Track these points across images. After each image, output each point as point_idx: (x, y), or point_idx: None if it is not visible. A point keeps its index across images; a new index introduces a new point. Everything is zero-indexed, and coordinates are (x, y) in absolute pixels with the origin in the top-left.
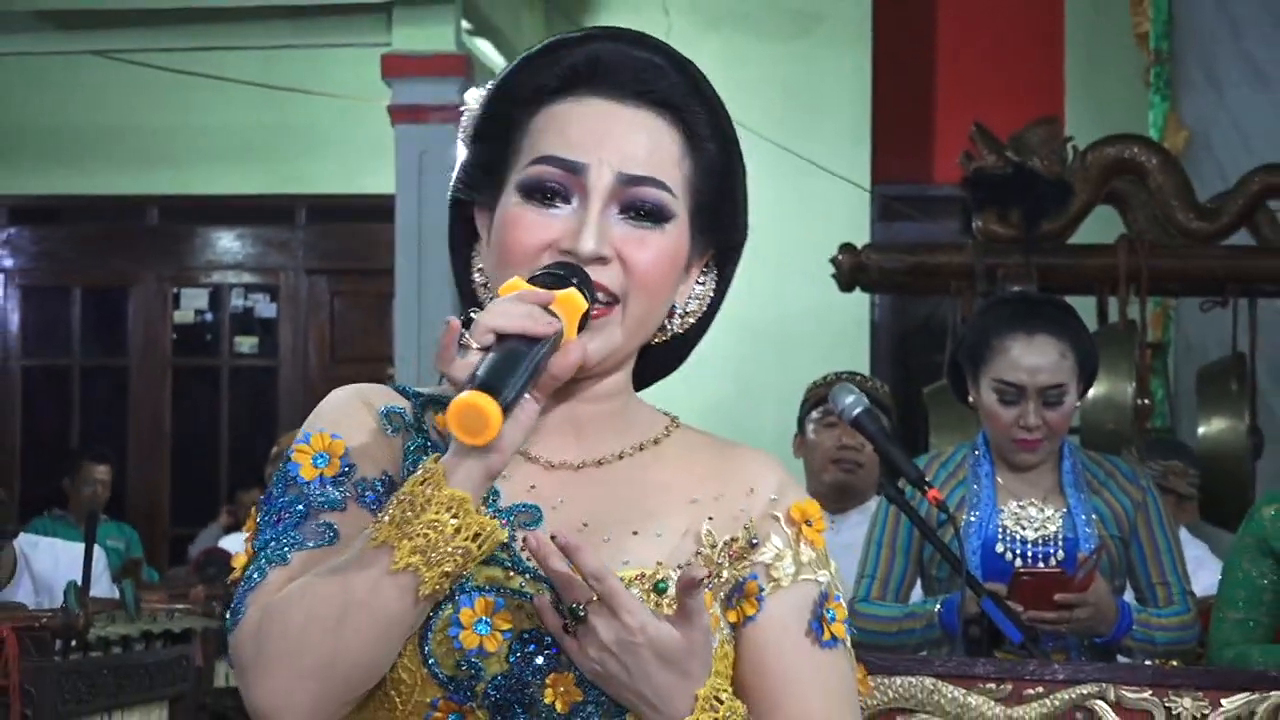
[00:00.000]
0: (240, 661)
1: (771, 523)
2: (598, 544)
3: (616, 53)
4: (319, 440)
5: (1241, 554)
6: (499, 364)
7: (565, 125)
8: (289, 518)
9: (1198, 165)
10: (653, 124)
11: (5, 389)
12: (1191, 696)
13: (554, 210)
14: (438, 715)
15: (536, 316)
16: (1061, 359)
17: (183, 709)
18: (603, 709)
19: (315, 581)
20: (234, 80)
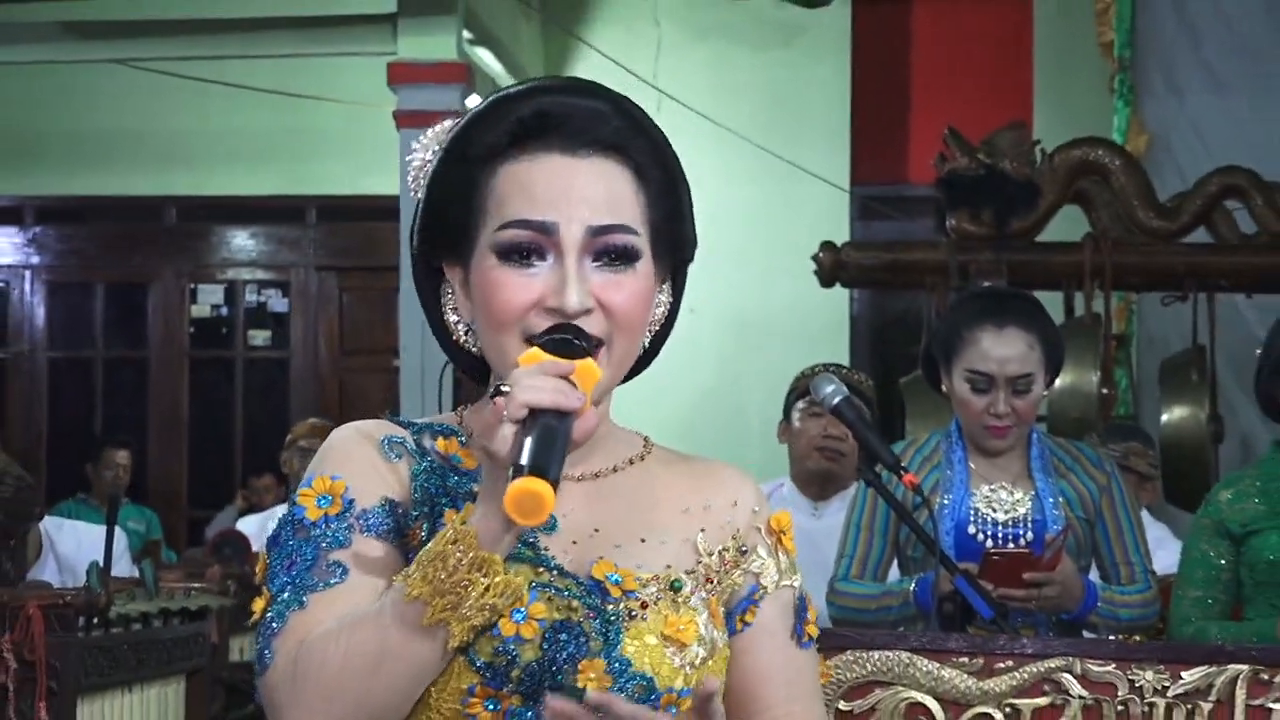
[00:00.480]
0: (275, 703)
1: (756, 534)
2: (609, 549)
3: (560, 105)
4: (320, 483)
5: (1199, 535)
6: (541, 445)
7: (528, 186)
8: (300, 561)
9: (1159, 167)
10: (607, 169)
11: (32, 379)
12: (1153, 669)
13: (531, 269)
14: (474, 701)
15: (566, 392)
16: (1029, 350)
17: (199, 682)
18: (628, 695)
19: (350, 629)
20: (248, 87)
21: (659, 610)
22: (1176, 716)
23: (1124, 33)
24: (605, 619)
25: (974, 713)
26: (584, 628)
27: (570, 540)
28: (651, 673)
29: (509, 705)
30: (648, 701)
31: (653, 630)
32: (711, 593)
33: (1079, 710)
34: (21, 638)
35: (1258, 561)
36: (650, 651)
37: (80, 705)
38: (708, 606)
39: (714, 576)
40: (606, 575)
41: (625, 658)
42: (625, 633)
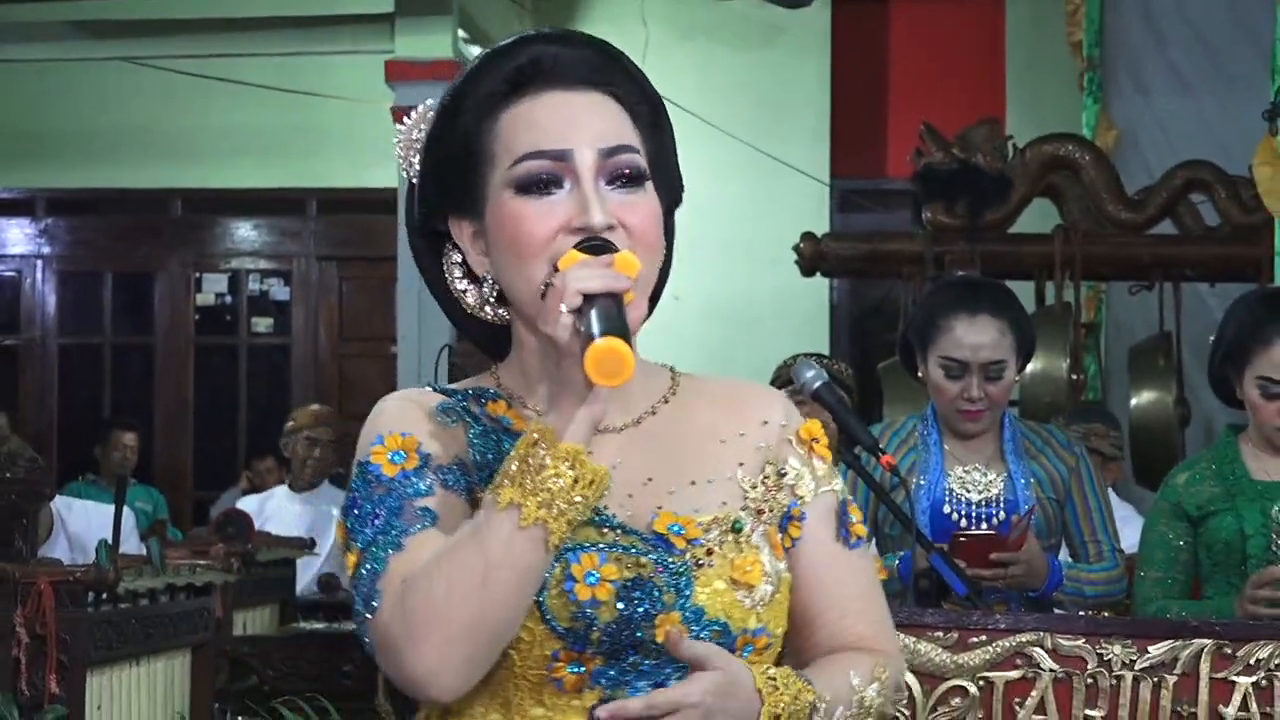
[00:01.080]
0: (387, 641)
1: (787, 446)
2: (665, 496)
3: (550, 53)
4: (392, 440)
5: (1158, 517)
6: (608, 315)
7: (534, 121)
8: (385, 512)
9: (1126, 162)
10: (602, 101)
11: (43, 365)
12: (1121, 644)
13: (551, 197)
14: (559, 665)
15: (615, 275)
16: (1001, 337)
17: (204, 655)
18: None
19: (448, 553)
20: (251, 84)
21: (724, 554)
22: (1143, 689)
23: (1093, 33)
24: (674, 571)
25: (948, 685)
26: (655, 583)
27: (626, 494)
28: (725, 617)
29: (593, 666)
30: (723, 644)
31: (720, 575)
32: (767, 523)
33: (1050, 683)
34: (33, 613)
35: (1214, 542)
36: (721, 596)
37: (89, 678)
38: (767, 540)
39: (763, 507)
40: (669, 527)
41: (699, 607)
42: (695, 582)
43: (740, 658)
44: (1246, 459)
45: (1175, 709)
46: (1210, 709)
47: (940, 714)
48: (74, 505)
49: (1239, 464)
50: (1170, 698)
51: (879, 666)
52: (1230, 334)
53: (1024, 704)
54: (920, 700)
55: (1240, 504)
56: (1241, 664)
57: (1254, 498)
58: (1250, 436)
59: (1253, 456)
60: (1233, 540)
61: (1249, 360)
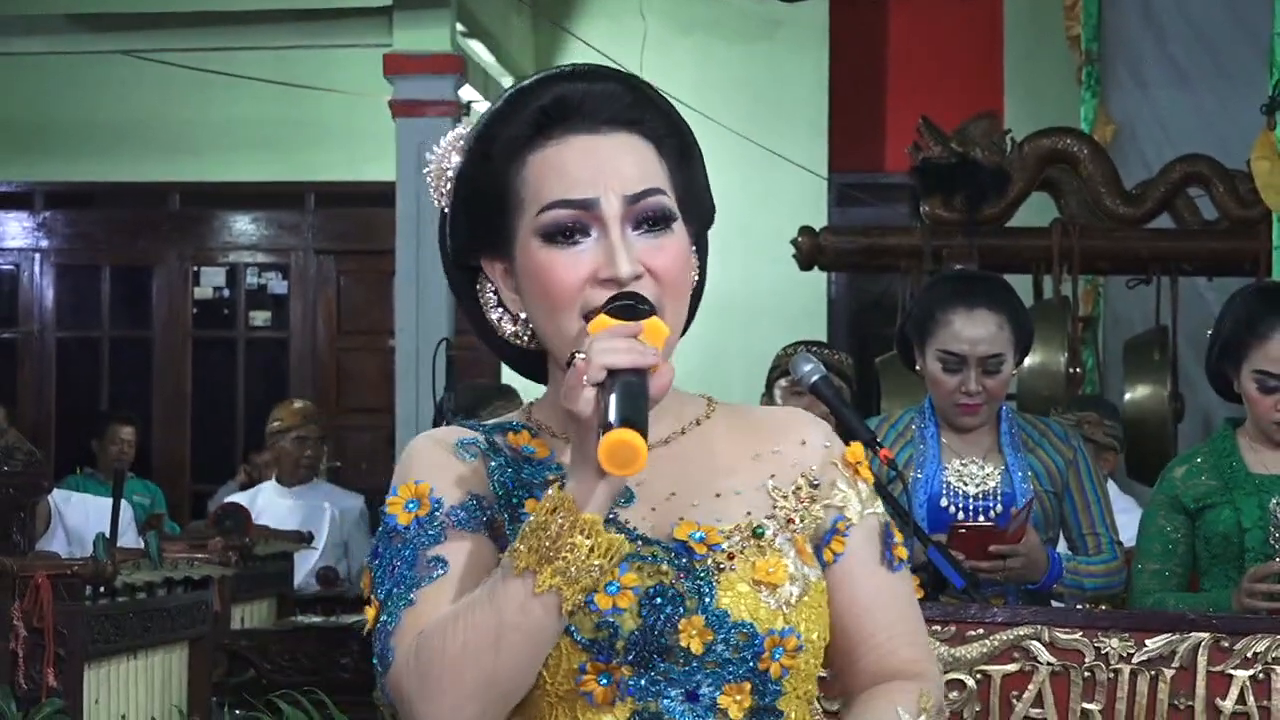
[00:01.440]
0: (401, 695)
1: (832, 469)
2: (688, 508)
3: (576, 90)
4: (406, 490)
5: (1156, 510)
6: (627, 400)
7: (560, 168)
8: (400, 564)
9: (1124, 156)
10: (629, 142)
11: (41, 358)
12: (1119, 637)
13: (578, 246)
14: (588, 677)
15: (641, 350)
16: (999, 330)
17: (201, 649)
18: (731, 645)
19: (465, 611)
20: (249, 77)
21: (746, 558)
22: (1141, 682)
23: (1091, 27)
24: (695, 576)
25: (946, 679)
26: (677, 589)
27: (649, 508)
28: (750, 619)
29: (620, 676)
30: (752, 647)
31: (743, 578)
32: (796, 532)
33: (1047, 676)
34: (31, 606)
35: (1212, 535)
36: (745, 599)
37: (87, 671)
38: (794, 545)
39: (794, 516)
40: (690, 535)
41: (722, 610)
42: (717, 586)
43: (771, 660)
44: (1244, 452)
45: (1172, 702)
46: (1207, 702)
47: None
48: (72, 499)
49: (1237, 457)
50: (1167, 691)
51: (924, 696)
52: (1228, 328)
53: (1021, 697)
54: None
55: (1238, 497)
56: (1239, 657)
57: (1252, 491)
58: (1248, 430)
59: (1250, 450)
60: (1230, 533)
61: (1246, 354)
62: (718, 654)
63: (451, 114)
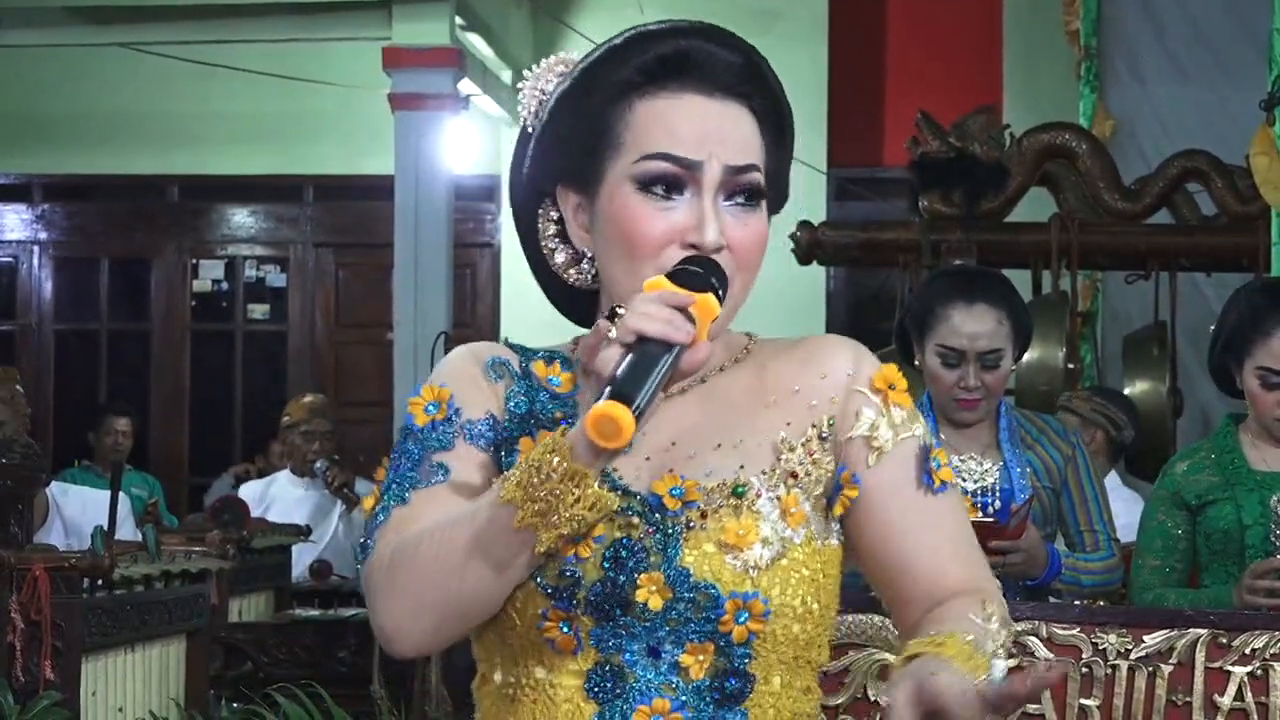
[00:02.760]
0: (371, 589)
1: (858, 396)
2: (682, 460)
3: (700, 50)
4: (429, 391)
5: (1157, 506)
6: (636, 371)
7: (672, 122)
8: (407, 461)
9: (1123, 151)
10: (739, 114)
11: (39, 351)
12: (1116, 633)
13: (670, 202)
14: (549, 624)
15: (678, 324)
16: (999, 326)
17: (199, 641)
18: (693, 605)
19: (445, 526)
20: (248, 70)
21: (719, 518)
22: (1138, 679)
23: (1090, 22)
24: (664, 532)
25: None
26: (644, 543)
27: (644, 457)
28: (713, 579)
29: (581, 626)
30: (714, 609)
31: (711, 538)
32: (794, 488)
33: None
34: (28, 598)
35: (1213, 531)
36: (709, 559)
37: (84, 663)
38: (779, 505)
39: (799, 470)
40: (669, 489)
41: (684, 568)
42: (684, 543)
43: (735, 624)
44: (1246, 448)
45: (1170, 698)
46: (1205, 698)
47: None
48: (70, 491)
49: (1238, 453)
50: (1165, 687)
51: (987, 604)
52: (1230, 324)
53: None
54: None
55: (1239, 493)
56: (1237, 654)
57: (1253, 487)
58: (1250, 426)
59: (1252, 446)
60: (1231, 530)
61: (1249, 351)
62: (679, 612)
63: (450, 108)
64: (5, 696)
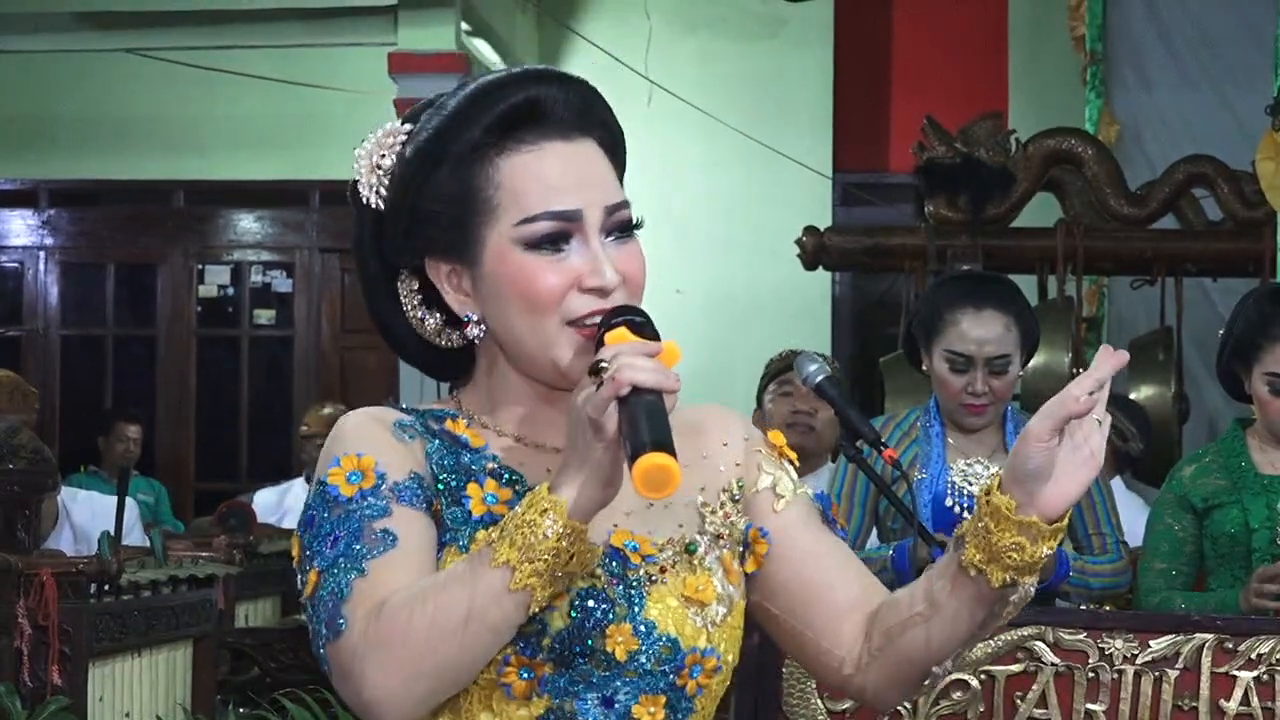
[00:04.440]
0: (350, 664)
1: (757, 456)
2: (620, 516)
3: (546, 95)
4: (349, 461)
5: (1164, 510)
6: (657, 422)
7: (543, 177)
8: (346, 535)
9: (1129, 157)
10: (595, 152)
11: (45, 356)
12: (1123, 638)
13: (561, 253)
14: (509, 670)
15: (668, 374)
16: (1006, 331)
17: (206, 647)
18: (654, 658)
19: (436, 591)
20: (254, 75)
21: (677, 573)
22: (1145, 683)
23: (1095, 27)
24: (628, 584)
25: (949, 679)
26: (609, 594)
27: None
28: (676, 633)
29: (542, 673)
30: (673, 662)
31: (673, 592)
32: (724, 548)
33: (1051, 677)
34: (36, 604)
35: (1219, 535)
36: (673, 613)
37: (91, 669)
38: (722, 564)
39: (721, 532)
40: (625, 544)
41: (650, 620)
42: (648, 596)
43: (690, 678)
44: (1253, 453)
45: (1176, 703)
46: (1211, 704)
47: (942, 707)
48: (79, 497)
49: (1245, 457)
50: (1171, 692)
51: None
52: (1239, 330)
53: (1025, 698)
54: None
55: (1246, 497)
56: (1243, 659)
57: (1260, 491)
58: (1257, 431)
59: (1259, 450)
60: (1238, 533)
61: (1258, 357)
62: (640, 664)
63: None
64: (13, 701)
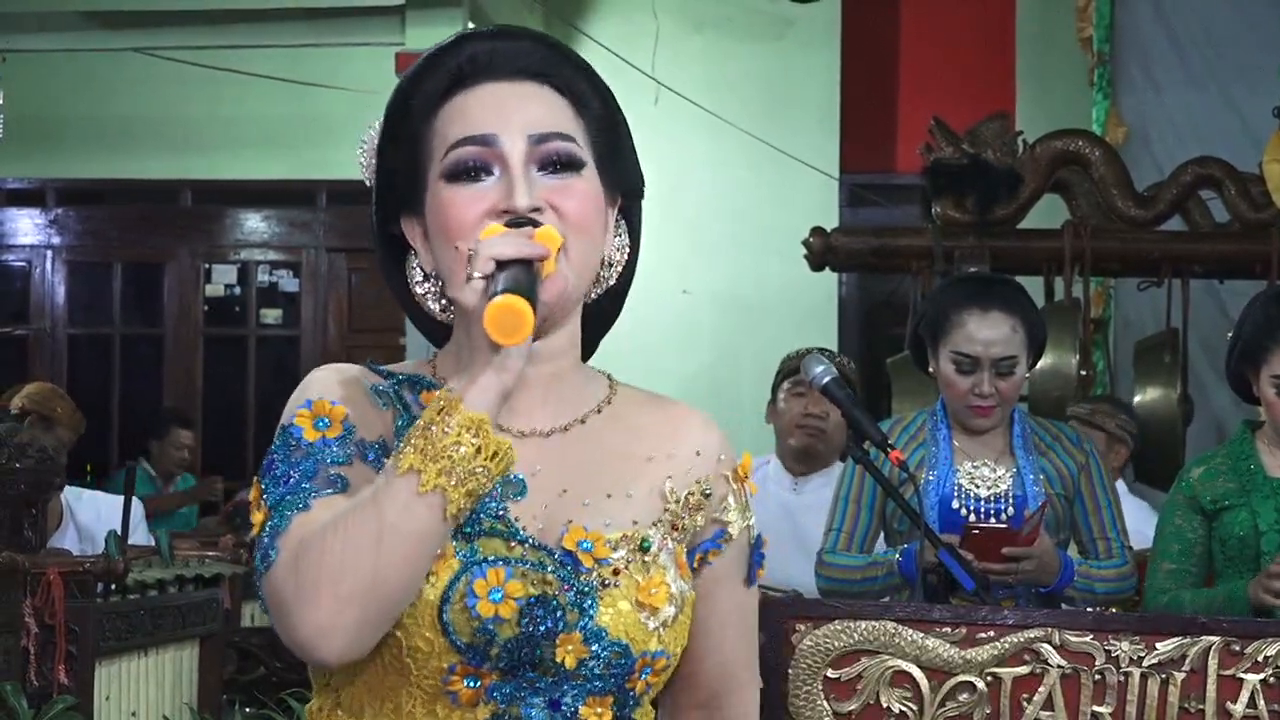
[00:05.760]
0: (279, 599)
1: (723, 482)
2: (577, 508)
3: (490, 49)
4: (320, 406)
5: (1173, 511)
6: (516, 276)
7: (465, 110)
8: (300, 474)
9: (1136, 158)
10: (541, 93)
11: (53, 355)
12: (1129, 640)
13: (480, 184)
14: (455, 679)
15: (527, 243)
16: (1013, 333)
17: (212, 646)
18: (603, 663)
19: (347, 513)
20: (261, 75)
21: (630, 574)
22: (1151, 686)
23: (1103, 28)
24: (579, 590)
25: (956, 681)
26: (559, 601)
27: (541, 505)
28: (626, 639)
29: (489, 681)
30: (622, 666)
31: (626, 596)
32: (678, 540)
33: (1057, 679)
34: (42, 603)
35: (1228, 537)
36: (624, 618)
37: (98, 668)
38: (674, 559)
39: (679, 522)
40: (578, 544)
41: (600, 627)
42: (600, 602)
43: (639, 679)
44: (1262, 455)
45: (1183, 705)
46: (1218, 706)
47: (948, 709)
48: (84, 496)
49: (1254, 460)
50: (1178, 694)
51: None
52: (1246, 333)
53: (1031, 700)
54: (928, 695)
55: (1255, 500)
56: (1249, 661)
57: (1269, 494)
58: (1266, 433)
59: (1268, 453)
60: (1247, 536)
61: (1265, 359)
62: (589, 669)
63: None
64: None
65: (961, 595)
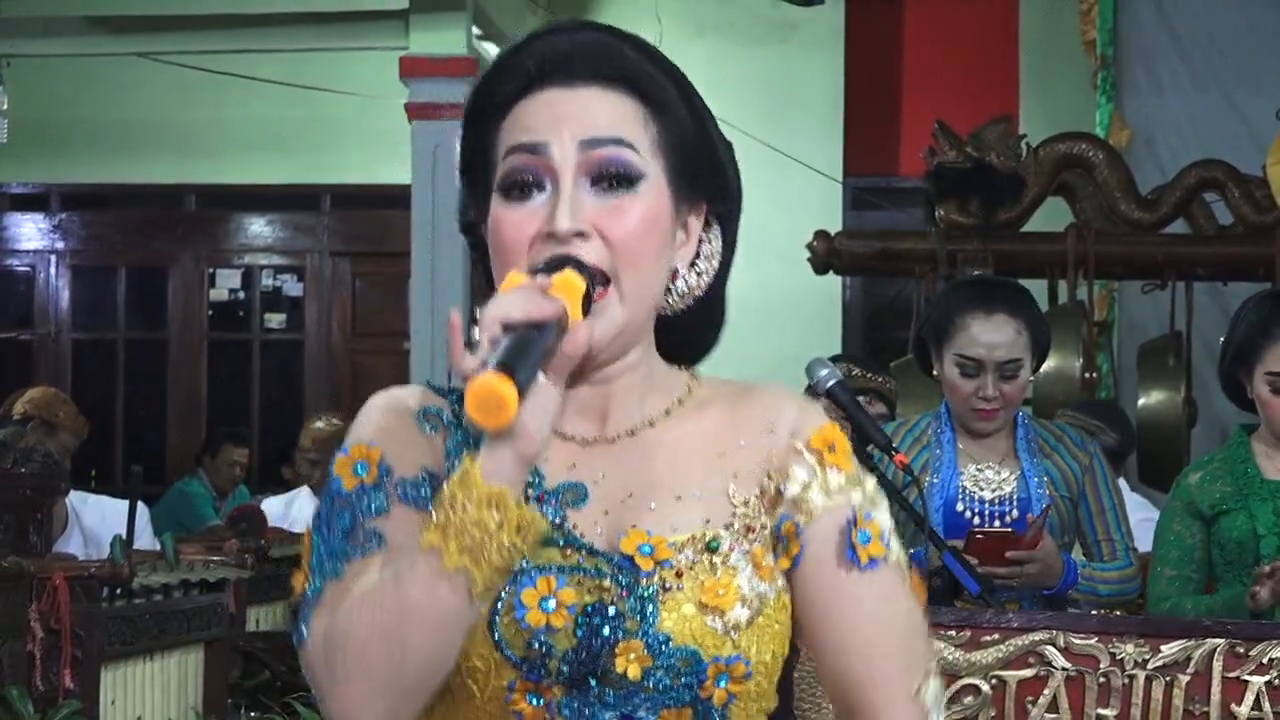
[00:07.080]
0: (314, 679)
1: (794, 455)
2: (643, 513)
3: (561, 44)
4: (357, 450)
5: (1172, 517)
6: (510, 348)
7: (524, 116)
8: (336, 530)
9: (1139, 161)
10: (608, 97)
11: (56, 360)
12: (1134, 643)
13: (531, 202)
14: (516, 696)
15: (537, 302)
16: (1017, 336)
17: (217, 650)
18: (672, 672)
19: (372, 594)
20: (265, 80)
21: (695, 575)
22: (1156, 688)
23: (1106, 31)
24: (639, 595)
25: (961, 684)
26: (618, 608)
27: (602, 511)
28: (695, 644)
29: (552, 698)
30: (694, 674)
31: (690, 599)
32: (755, 542)
33: (1062, 682)
34: (48, 607)
35: (1226, 541)
36: (690, 622)
37: (103, 672)
38: (751, 560)
39: (754, 524)
40: (638, 547)
41: (664, 633)
42: (662, 607)
43: (716, 688)
44: (1259, 458)
45: (1187, 708)
46: (1223, 708)
47: (953, 712)
48: (89, 501)
49: (1251, 463)
50: (1183, 697)
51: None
52: (1240, 332)
53: (1036, 702)
54: None
55: (1253, 504)
56: (1254, 663)
57: (1266, 497)
58: (1262, 436)
59: (1265, 456)
60: (1245, 540)
61: (1259, 357)
62: (657, 680)
63: None
64: (25, 705)
65: (966, 598)
